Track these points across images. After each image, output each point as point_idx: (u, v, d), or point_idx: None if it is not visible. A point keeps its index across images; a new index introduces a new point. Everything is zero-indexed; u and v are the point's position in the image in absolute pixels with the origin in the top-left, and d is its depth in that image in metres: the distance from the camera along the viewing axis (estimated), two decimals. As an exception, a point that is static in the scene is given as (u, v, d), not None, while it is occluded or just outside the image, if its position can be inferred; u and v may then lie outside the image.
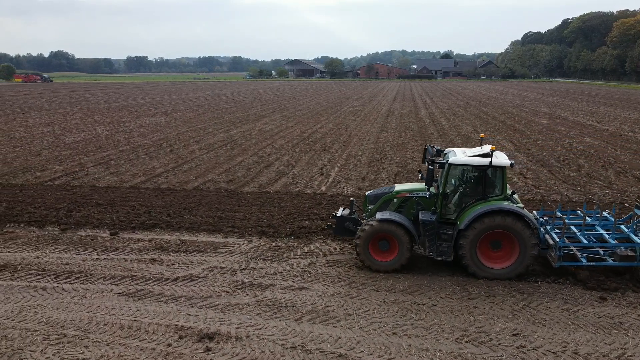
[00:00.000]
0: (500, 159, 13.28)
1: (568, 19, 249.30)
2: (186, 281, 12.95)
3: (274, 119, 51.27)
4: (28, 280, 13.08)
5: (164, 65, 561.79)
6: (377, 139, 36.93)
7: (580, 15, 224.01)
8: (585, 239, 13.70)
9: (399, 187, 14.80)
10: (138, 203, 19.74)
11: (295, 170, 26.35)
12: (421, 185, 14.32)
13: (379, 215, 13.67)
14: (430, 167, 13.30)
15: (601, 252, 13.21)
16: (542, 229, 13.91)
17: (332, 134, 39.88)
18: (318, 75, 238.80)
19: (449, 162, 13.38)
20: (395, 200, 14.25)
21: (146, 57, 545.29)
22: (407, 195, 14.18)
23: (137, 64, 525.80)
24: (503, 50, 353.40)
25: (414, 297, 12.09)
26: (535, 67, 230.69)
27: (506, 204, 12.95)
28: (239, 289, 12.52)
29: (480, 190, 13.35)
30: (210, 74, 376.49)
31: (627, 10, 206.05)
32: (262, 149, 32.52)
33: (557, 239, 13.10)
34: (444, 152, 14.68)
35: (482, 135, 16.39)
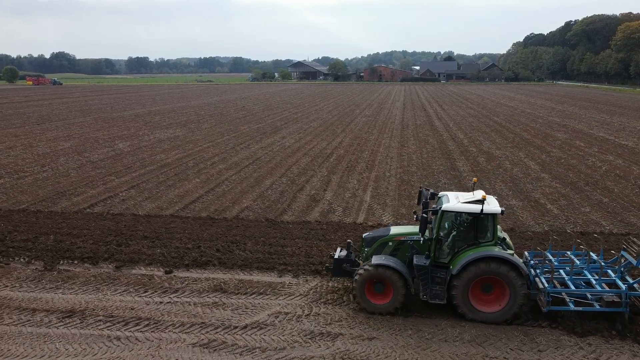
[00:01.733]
0: (492, 206, 13.69)
1: (571, 21, 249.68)
2: (255, 329, 13.15)
3: (291, 132, 51.47)
4: (99, 327, 13.28)
5: (164, 66, 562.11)
6: (400, 156, 37.14)
7: (584, 18, 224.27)
8: (573, 284, 14.03)
9: (394, 230, 15.23)
10: (184, 235, 19.95)
11: (328, 194, 26.56)
12: (416, 228, 14.72)
13: (375, 260, 14.05)
14: (424, 214, 13.81)
15: (589, 296, 13.56)
16: (532, 271, 14.40)
17: (354, 150, 40.09)
18: (321, 78, 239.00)
19: (442, 208, 13.80)
20: (390, 243, 14.69)
21: (147, 57, 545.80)
22: (402, 239, 14.64)
23: (138, 64, 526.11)
24: (505, 52, 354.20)
25: (485, 348, 12.31)
26: (538, 69, 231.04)
27: (497, 251, 13.41)
28: (309, 338, 12.73)
29: (472, 235, 13.80)
30: (212, 75, 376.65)
31: (631, 13, 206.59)
32: (289, 169, 32.71)
33: (546, 284, 13.50)
34: (438, 195, 15.11)
35: (474, 179, 16.86)
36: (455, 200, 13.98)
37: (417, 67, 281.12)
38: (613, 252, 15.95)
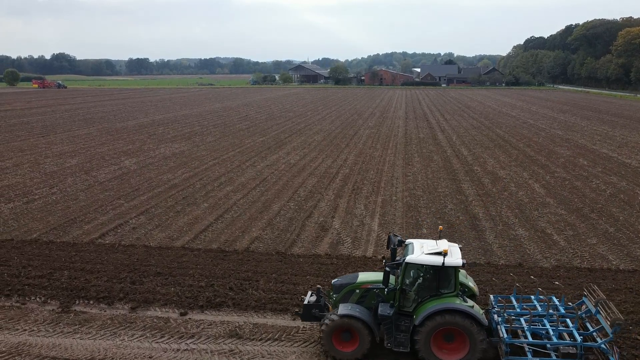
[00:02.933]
0: (454, 258, 14.08)
1: (571, 24, 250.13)
2: (273, 382, 13.40)
3: (295, 146, 51.72)
4: (119, 379, 13.53)
5: (165, 67, 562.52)
6: (406, 177, 37.39)
7: (584, 23, 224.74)
8: (531, 335, 14.41)
9: (362, 277, 15.68)
10: (196, 271, 20.18)
11: (336, 222, 26.80)
12: (382, 275, 15.01)
13: (341, 309, 14.53)
14: (387, 268, 14.22)
15: (549, 346, 13.97)
16: (495, 316, 14.94)
17: (359, 169, 40.33)
18: (322, 81, 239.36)
19: (405, 260, 14.29)
20: (357, 291, 15.19)
21: (147, 58, 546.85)
22: (369, 287, 15.11)
23: (139, 65, 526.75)
24: (505, 54, 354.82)
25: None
26: (539, 74, 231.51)
27: (457, 303, 13.89)
28: (326, 393, 12.98)
29: (434, 286, 14.27)
30: (213, 77, 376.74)
31: (631, 17, 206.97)
32: (296, 192, 32.94)
33: (505, 335, 13.97)
34: (405, 243, 15.51)
35: (440, 227, 17.37)
36: (419, 251, 14.45)
37: (418, 70, 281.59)
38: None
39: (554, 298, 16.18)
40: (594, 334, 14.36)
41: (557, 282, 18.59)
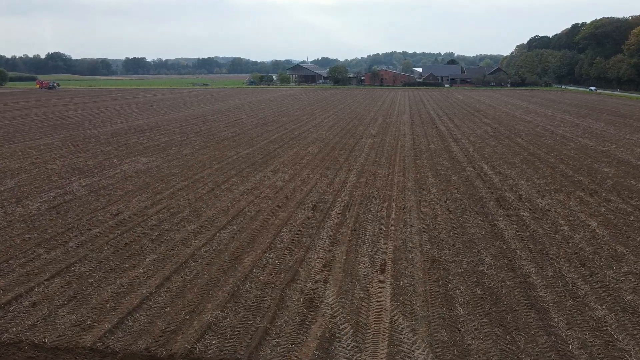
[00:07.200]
0: None
1: (578, 23, 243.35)
2: None
3: (285, 161, 43.62)
4: None
5: (162, 66, 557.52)
6: (421, 208, 29.28)
7: (592, 21, 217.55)
8: None
9: None
10: (94, 411, 12.11)
11: (330, 292, 18.67)
12: None
13: None
14: None
15: None
16: None
17: (361, 196, 32.19)
18: (321, 81, 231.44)
19: None
20: None
21: (144, 58, 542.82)
22: None
23: (135, 65, 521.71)
24: (506, 54, 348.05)
25: None
26: (545, 74, 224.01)
27: None
28: None
29: None
30: (210, 77, 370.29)
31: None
32: (278, 234, 24.85)
33: None
34: None
35: None
36: None
37: (419, 70, 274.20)
38: None
39: None
40: None
41: None
